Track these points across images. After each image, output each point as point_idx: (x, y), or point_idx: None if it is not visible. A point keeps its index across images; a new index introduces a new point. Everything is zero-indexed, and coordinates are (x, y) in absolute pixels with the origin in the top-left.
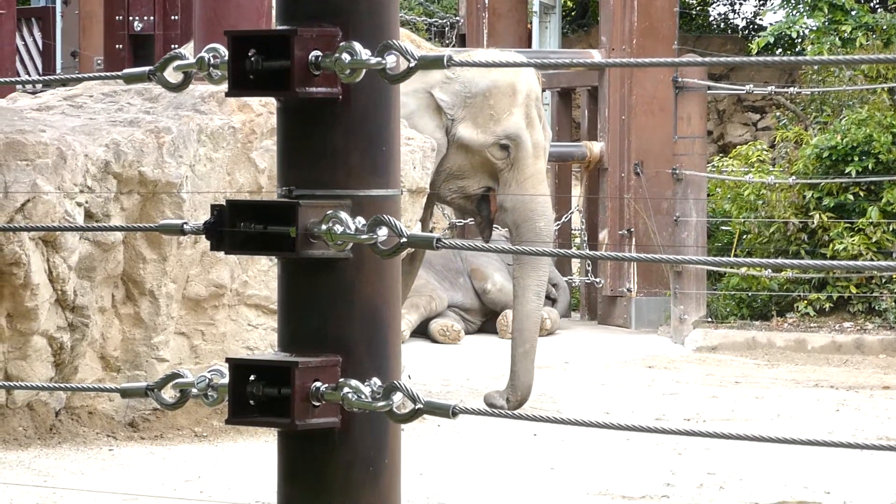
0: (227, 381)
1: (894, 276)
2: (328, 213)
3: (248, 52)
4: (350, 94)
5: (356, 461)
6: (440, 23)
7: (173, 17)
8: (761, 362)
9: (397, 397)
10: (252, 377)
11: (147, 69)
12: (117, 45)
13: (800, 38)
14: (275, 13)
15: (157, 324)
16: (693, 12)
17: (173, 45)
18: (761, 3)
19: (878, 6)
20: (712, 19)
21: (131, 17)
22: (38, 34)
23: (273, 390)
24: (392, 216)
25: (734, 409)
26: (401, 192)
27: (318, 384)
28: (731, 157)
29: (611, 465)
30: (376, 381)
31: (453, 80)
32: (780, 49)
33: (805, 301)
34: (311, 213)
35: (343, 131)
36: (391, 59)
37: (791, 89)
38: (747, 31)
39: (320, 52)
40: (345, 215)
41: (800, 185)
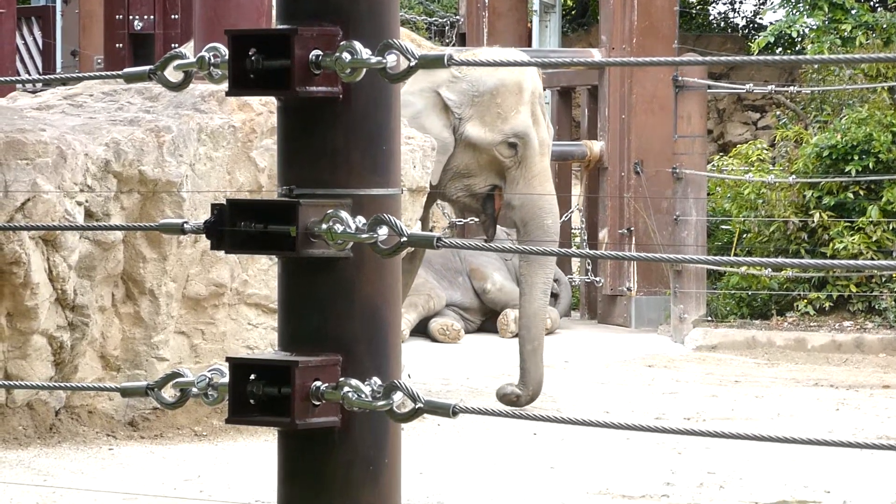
0: (227, 380)
1: (894, 275)
2: (328, 212)
3: (249, 52)
4: (350, 93)
5: (356, 460)
6: (440, 22)
7: (173, 16)
8: (761, 361)
9: (397, 396)
10: (252, 376)
11: (148, 68)
12: (117, 45)
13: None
14: (275, 12)
15: (157, 323)
16: (693, 11)
17: (173, 45)
18: (761, 2)
19: (878, 5)
20: (712, 18)
21: (131, 17)
22: (38, 33)
23: (273, 389)
24: (392, 215)
25: (734, 409)
26: (401, 192)
27: (318, 383)
28: (731, 157)
29: (611, 464)
30: (376, 380)
31: (460, 78)
32: (780, 48)
33: (805, 300)
34: (312, 212)
35: (343, 130)
36: (392, 59)
37: (791, 88)
38: (747, 31)
39: (321, 52)
40: (345, 214)
41: (800, 184)
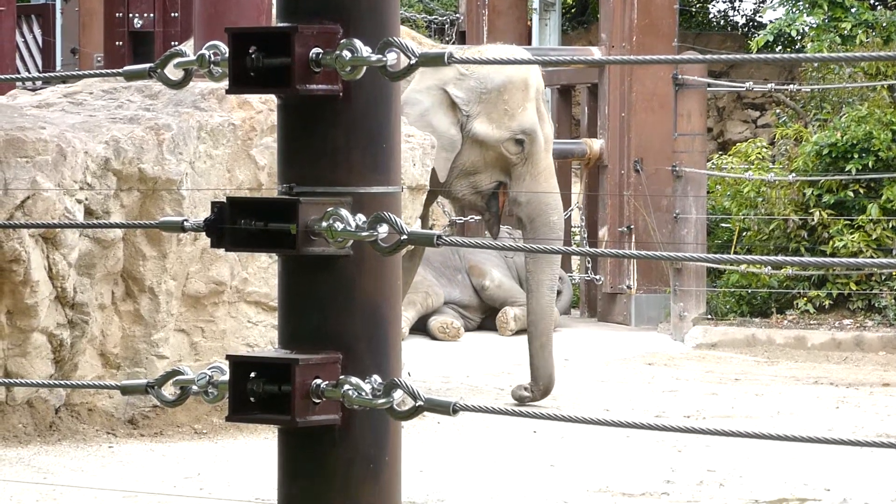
0: (227, 378)
1: (894, 273)
2: (329, 210)
3: (249, 50)
4: (350, 91)
5: (356, 458)
6: (440, 20)
7: (173, 14)
8: (761, 359)
9: (398, 394)
10: (252, 374)
11: (148, 66)
12: (117, 42)
13: (800, 36)
14: (275, 10)
15: (157, 321)
16: (693, 9)
17: (173, 43)
18: (761, 0)
19: (877, 3)
20: (712, 16)
21: (131, 14)
22: (37, 31)
23: (273, 387)
24: (392, 213)
25: (734, 407)
26: (401, 190)
27: (318, 381)
28: (730, 155)
29: (611, 462)
30: (377, 378)
31: (468, 76)
32: (779, 46)
33: (805, 298)
34: (312, 210)
35: (343, 128)
36: (392, 57)
37: (791, 86)
38: (747, 29)
39: (321, 50)
40: (345, 212)
41: (799, 183)
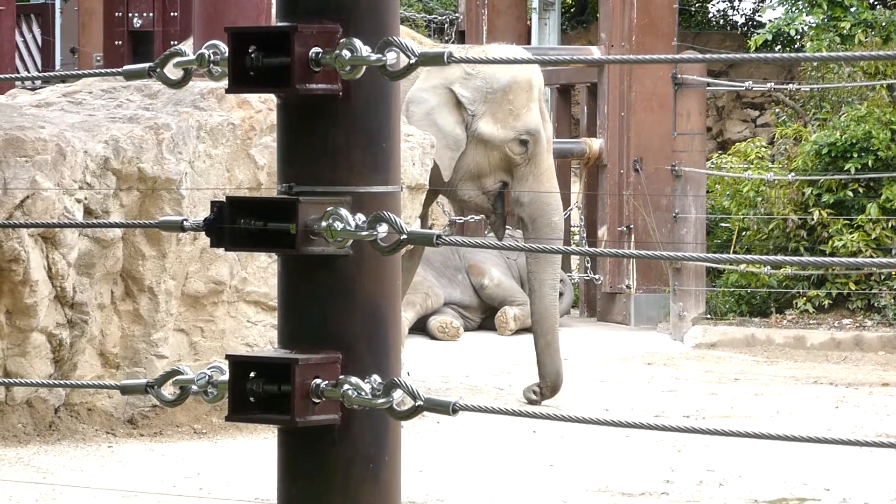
0: (226, 377)
1: (893, 272)
2: (328, 209)
3: (249, 49)
4: (350, 90)
5: (356, 458)
6: (440, 19)
7: (172, 13)
8: (760, 359)
9: (397, 394)
10: (252, 374)
11: (147, 66)
12: (116, 42)
13: (799, 35)
14: (275, 10)
15: (157, 320)
16: (692, 9)
17: (172, 42)
18: None
19: (876, 3)
20: (711, 16)
21: (130, 14)
22: (37, 31)
23: (273, 387)
24: (392, 213)
25: (733, 406)
26: (401, 189)
27: (318, 381)
28: (730, 154)
29: (610, 461)
30: (376, 378)
31: (473, 76)
32: (779, 46)
33: (804, 298)
34: (312, 209)
35: (343, 128)
36: (391, 56)
37: (790, 86)
38: (746, 28)
39: (320, 49)
40: (345, 212)
41: (799, 182)
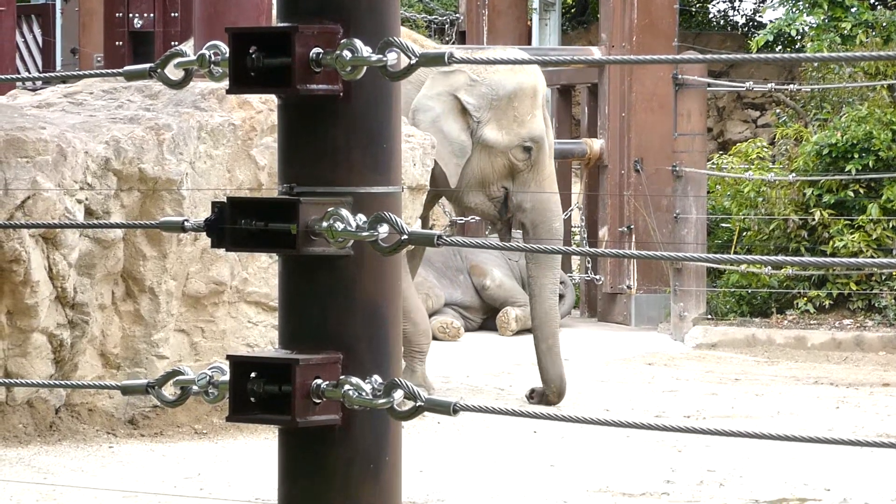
0: (227, 378)
1: (894, 273)
2: (329, 210)
3: (249, 49)
4: (351, 91)
5: (357, 458)
6: (440, 20)
7: (173, 14)
8: (761, 359)
9: (398, 394)
10: (253, 374)
11: (148, 66)
12: (117, 42)
13: (799, 36)
14: (275, 10)
15: (157, 321)
16: (693, 9)
17: (173, 42)
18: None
19: (877, 3)
20: (712, 16)
21: (131, 14)
22: (38, 31)
23: (274, 387)
24: (393, 213)
25: (734, 407)
26: (402, 190)
27: (318, 381)
28: (730, 154)
29: (611, 462)
30: (377, 378)
31: (479, 82)
32: (779, 46)
33: (805, 298)
34: (312, 210)
35: (344, 128)
36: (392, 56)
37: (791, 86)
38: (747, 29)
39: (321, 49)
40: (346, 212)
41: (800, 182)
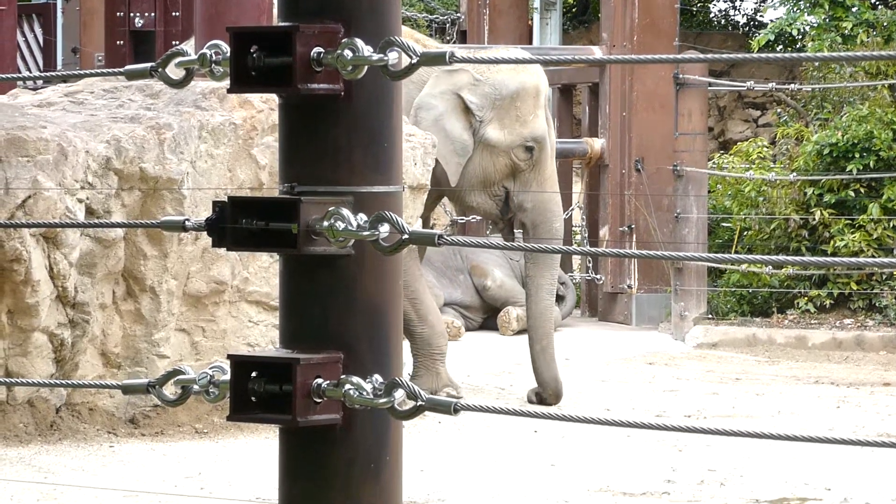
0: (228, 377)
1: (895, 272)
2: (330, 209)
3: (250, 49)
4: (352, 90)
5: (357, 458)
6: (441, 19)
7: (174, 13)
8: (762, 359)
9: (399, 394)
10: (253, 374)
11: (149, 65)
12: (118, 42)
13: (800, 35)
14: (276, 10)
15: (158, 320)
16: (694, 9)
17: (174, 42)
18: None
19: (878, 3)
20: (713, 16)
21: (132, 14)
22: (38, 30)
23: (274, 387)
24: (394, 213)
25: (735, 406)
26: (402, 189)
27: (319, 381)
28: (731, 154)
29: (611, 461)
30: (378, 377)
31: (482, 82)
32: (780, 46)
33: (806, 298)
34: (313, 209)
35: (345, 128)
36: (393, 56)
37: (792, 86)
38: (748, 28)
39: (322, 49)
40: (346, 212)
41: (800, 182)
